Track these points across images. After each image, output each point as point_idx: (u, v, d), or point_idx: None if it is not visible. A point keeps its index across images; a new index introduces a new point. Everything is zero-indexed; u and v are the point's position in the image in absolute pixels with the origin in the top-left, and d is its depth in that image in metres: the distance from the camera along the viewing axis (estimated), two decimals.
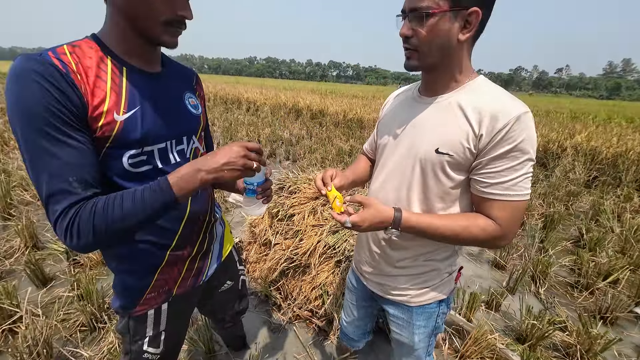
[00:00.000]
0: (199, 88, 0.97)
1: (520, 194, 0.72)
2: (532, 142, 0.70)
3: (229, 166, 0.67)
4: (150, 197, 0.63)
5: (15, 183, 3.36)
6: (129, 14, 0.65)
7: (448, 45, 0.72)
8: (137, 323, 0.91)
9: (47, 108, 0.57)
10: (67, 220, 0.59)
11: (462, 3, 0.68)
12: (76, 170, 0.60)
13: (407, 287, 0.96)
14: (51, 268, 2.23)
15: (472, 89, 0.77)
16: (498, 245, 0.78)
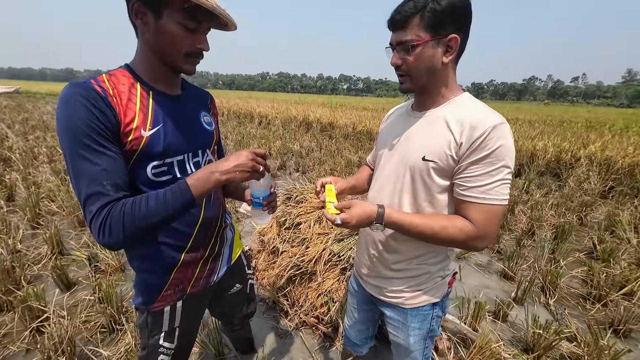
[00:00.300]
0: (212, 107, 1.09)
1: (496, 198, 0.77)
2: (507, 150, 0.76)
3: (239, 168, 0.77)
4: (172, 198, 0.73)
5: (43, 195, 3.60)
6: (157, 48, 0.78)
7: (434, 68, 0.82)
8: (154, 318, 1.00)
9: (88, 124, 0.69)
10: (101, 218, 0.69)
11: (441, 32, 0.78)
12: (110, 175, 0.71)
13: (401, 290, 1.01)
14: (74, 273, 2.38)
15: (457, 104, 0.86)
16: (476, 247, 0.82)
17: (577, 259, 2.87)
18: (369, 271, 1.08)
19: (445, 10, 0.75)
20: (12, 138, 6.36)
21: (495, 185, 0.77)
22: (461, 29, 0.79)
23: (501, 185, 0.77)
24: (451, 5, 0.75)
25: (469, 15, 0.80)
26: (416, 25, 0.78)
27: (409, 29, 0.79)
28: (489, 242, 0.82)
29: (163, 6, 0.72)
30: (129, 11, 0.76)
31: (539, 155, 5.73)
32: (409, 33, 0.79)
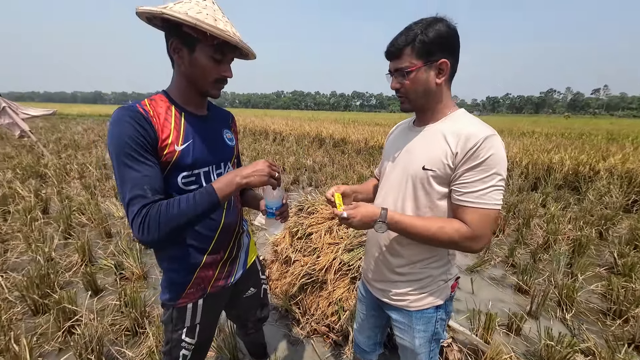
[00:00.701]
0: (233, 125, 1.24)
1: (489, 202, 0.85)
2: (498, 159, 0.84)
3: (257, 173, 0.91)
4: (200, 199, 0.86)
5: (74, 208, 3.87)
6: (191, 77, 0.94)
7: (429, 89, 0.93)
8: (179, 314, 1.11)
9: (133, 139, 0.84)
10: (141, 217, 0.82)
11: (432, 58, 0.89)
12: (149, 181, 0.85)
13: (406, 293, 1.08)
14: (102, 280, 2.54)
15: (453, 119, 0.96)
16: (471, 247, 0.88)
17: (596, 274, 2.79)
18: (375, 275, 1.15)
19: (433, 40, 0.86)
20: (47, 156, 6.87)
21: (488, 190, 0.85)
22: (450, 54, 0.90)
23: (494, 190, 0.85)
24: (438, 36, 0.87)
25: (457, 41, 0.91)
26: (409, 54, 0.89)
27: (403, 58, 0.90)
28: (483, 243, 0.88)
29: (196, 43, 0.88)
30: (167, 47, 0.92)
31: (555, 168, 5.62)
32: (403, 61, 0.90)
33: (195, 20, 0.80)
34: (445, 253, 1.04)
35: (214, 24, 0.83)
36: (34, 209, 3.72)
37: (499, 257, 3.15)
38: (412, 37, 0.88)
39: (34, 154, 7.22)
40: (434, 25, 0.87)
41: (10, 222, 3.49)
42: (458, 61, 0.94)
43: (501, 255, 3.18)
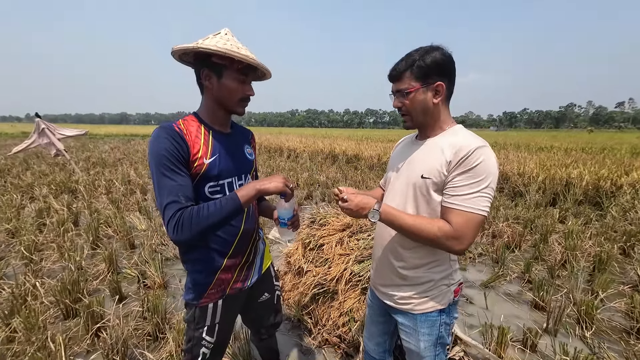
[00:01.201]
0: (252, 141, 1.39)
1: (474, 207, 0.91)
2: (486, 168, 0.92)
3: (274, 182, 1.05)
4: (225, 204, 0.99)
5: (102, 221, 4.12)
6: (219, 99, 1.10)
7: (427, 108, 1.04)
8: (201, 312, 1.22)
9: (170, 152, 0.99)
10: (175, 220, 0.95)
11: (429, 81, 1.00)
12: (183, 189, 0.99)
13: (410, 296, 1.14)
14: (126, 288, 2.70)
15: (450, 133, 1.07)
16: (452, 247, 0.95)
17: (619, 292, 2.69)
18: (381, 279, 1.22)
19: (430, 65, 0.98)
20: (78, 173, 7.36)
21: (473, 195, 0.92)
22: (445, 77, 1.02)
23: (479, 197, 0.92)
24: (434, 61, 0.99)
25: (452, 67, 1.02)
26: (408, 77, 1.01)
27: (403, 80, 1.02)
28: (464, 245, 0.94)
29: (224, 69, 1.05)
30: (198, 76, 1.09)
31: (574, 183, 5.48)
32: (403, 83, 1.02)
33: (225, 50, 0.97)
34: (447, 258, 1.11)
35: (238, 51, 1.00)
36: (66, 222, 4.00)
37: (514, 272, 3.09)
38: (411, 62, 1.00)
39: (66, 171, 7.75)
40: (431, 53, 0.99)
41: (45, 233, 3.76)
42: (454, 84, 1.06)
43: (517, 271, 3.12)
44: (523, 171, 6.47)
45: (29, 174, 7.40)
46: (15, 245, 3.46)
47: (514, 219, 4.40)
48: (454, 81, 1.06)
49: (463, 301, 2.63)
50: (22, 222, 4.06)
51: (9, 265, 3.00)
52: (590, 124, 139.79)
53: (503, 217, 4.44)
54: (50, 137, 7.12)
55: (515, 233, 3.79)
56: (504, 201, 5.45)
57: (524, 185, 6.04)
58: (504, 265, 3.15)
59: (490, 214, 4.53)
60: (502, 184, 6.49)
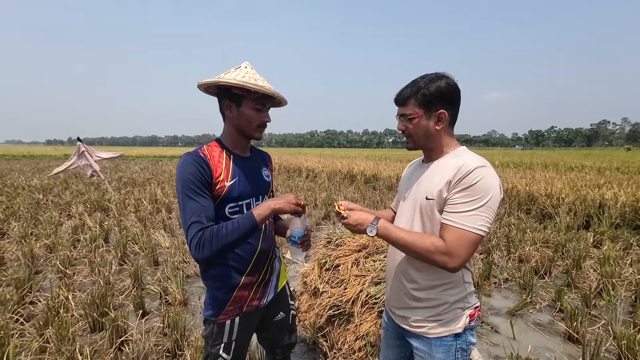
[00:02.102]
0: (270, 164, 1.48)
1: (469, 225, 0.92)
2: (485, 187, 0.93)
3: (287, 201, 1.13)
4: (243, 223, 1.07)
5: (129, 238, 4.35)
6: (238, 125, 1.21)
7: (429, 133, 1.08)
8: (218, 329, 1.26)
9: (195, 177, 1.09)
10: (197, 238, 1.04)
11: (432, 108, 1.04)
12: (205, 210, 1.08)
13: (424, 319, 1.12)
14: (149, 304, 2.80)
15: (453, 155, 1.10)
16: (445, 262, 0.94)
17: None
18: (395, 302, 1.22)
19: (434, 93, 1.02)
20: (111, 192, 7.85)
21: (469, 213, 0.92)
22: (449, 105, 1.05)
23: (475, 215, 0.92)
24: (438, 90, 1.03)
25: (456, 95, 1.05)
26: (412, 104, 1.06)
27: (407, 106, 1.08)
28: (457, 263, 0.94)
29: (242, 99, 1.16)
30: (220, 106, 1.21)
31: (609, 205, 5.14)
32: (408, 109, 1.07)
33: (242, 82, 1.09)
34: (460, 280, 1.09)
35: (255, 83, 1.11)
36: (98, 238, 4.25)
37: (544, 300, 2.90)
38: (416, 89, 1.04)
39: (100, 190, 8.29)
40: (436, 81, 1.03)
41: (78, 249, 4.02)
42: (458, 110, 1.10)
43: (547, 299, 2.92)
44: (551, 192, 6.17)
45: (68, 192, 7.99)
46: (52, 259, 3.71)
47: (542, 243, 4.17)
48: (458, 108, 1.10)
49: (488, 330, 2.49)
50: (59, 237, 4.36)
51: (46, 279, 3.22)
52: (627, 142, 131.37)
53: (530, 240, 4.22)
54: (89, 159, 7.72)
55: (545, 258, 3.58)
56: (531, 223, 5.19)
57: (552, 206, 5.74)
58: (532, 292, 2.96)
59: (516, 236, 4.33)
60: (529, 205, 6.20)
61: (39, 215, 5.65)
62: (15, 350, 1.93)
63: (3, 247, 3.91)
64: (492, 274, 3.37)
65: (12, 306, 2.54)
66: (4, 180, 10.26)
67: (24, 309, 2.61)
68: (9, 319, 2.34)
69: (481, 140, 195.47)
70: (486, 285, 3.22)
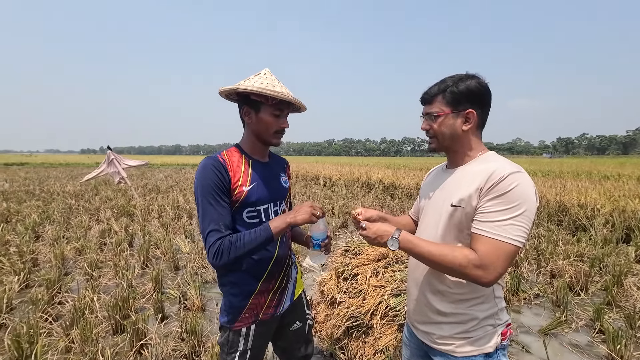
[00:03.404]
0: (288, 170, 1.48)
1: (505, 235, 0.84)
2: (521, 194, 0.85)
3: (301, 214, 1.11)
4: (259, 235, 1.08)
5: (152, 243, 4.48)
6: (257, 131, 1.22)
7: (455, 134, 1.02)
8: (234, 336, 1.24)
9: (215, 183, 1.10)
10: (215, 247, 1.05)
11: (459, 107, 0.99)
12: (223, 219, 1.09)
13: (451, 336, 1.04)
14: (168, 308, 2.84)
15: (482, 160, 1.03)
16: (478, 276, 0.86)
17: None
18: (418, 316, 1.14)
19: (463, 91, 0.97)
20: (136, 198, 8.19)
21: (504, 223, 0.85)
22: (478, 106, 0.99)
23: (511, 225, 0.85)
24: (468, 89, 0.97)
25: (486, 96, 1.00)
26: (439, 102, 1.01)
27: (434, 104, 1.03)
28: (493, 277, 0.86)
29: (261, 105, 1.17)
30: (240, 113, 1.22)
31: None
32: (434, 107, 1.03)
33: (259, 89, 1.10)
34: (491, 294, 1.01)
35: (273, 89, 1.11)
36: (122, 242, 4.41)
37: (581, 319, 2.67)
38: (444, 87, 1.00)
39: (126, 196, 8.67)
40: (466, 80, 0.99)
41: (105, 252, 4.18)
42: (487, 113, 1.04)
43: (584, 318, 2.69)
44: (585, 202, 5.77)
45: (98, 198, 8.42)
46: (80, 262, 3.87)
47: (576, 257, 3.88)
48: (488, 111, 1.04)
49: (518, 349, 2.32)
50: (88, 241, 4.57)
51: (74, 280, 3.35)
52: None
53: (563, 253, 3.94)
54: (117, 166, 8.12)
55: (580, 273, 3.32)
56: (563, 235, 4.86)
57: (586, 218, 5.36)
58: (567, 310, 2.74)
59: (547, 249, 4.06)
60: (560, 216, 5.82)
61: (70, 219, 5.97)
62: (42, 349, 2.00)
63: (37, 249, 4.14)
64: (521, 288, 3.16)
65: (42, 306, 2.66)
66: (42, 186, 11.00)
67: (53, 309, 2.73)
68: (39, 318, 2.44)
69: (505, 148, 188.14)
70: (515, 301, 3.02)
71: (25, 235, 4.71)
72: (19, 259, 3.70)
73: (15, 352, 2.03)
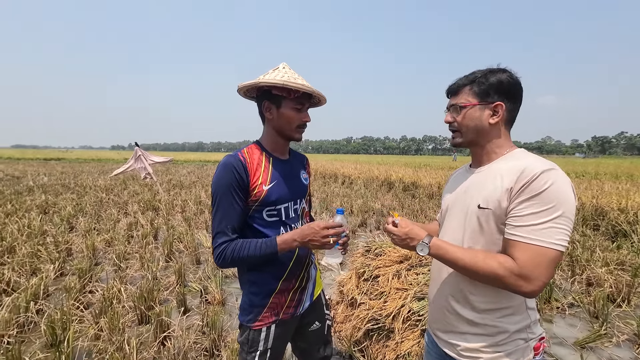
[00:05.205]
0: (307, 166, 1.44)
1: (545, 240, 0.77)
2: (558, 194, 0.78)
3: (312, 242, 1.06)
4: (264, 248, 1.07)
5: (175, 237, 4.61)
6: (278, 127, 1.18)
7: (481, 127, 0.95)
8: (254, 335, 1.23)
9: (230, 184, 1.08)
10: (219, 250, 1.06)
11: (488, 99, 0.93)
12: (232, 221, 1.08)
13: (478, 349, 0.95)
14: (190, 301, 2.91)
15: (510, 158, 0.95)
16: (519, 287, 0.79)
17: None
18: (440, 324, 1.05)
19: (492, 83, 0.92)
20: (161, 193, 8.51)
21: (543, 226, 0.78)
22: (508, 99, 0.93)
23: (551, 228, 0.77)
24: (498, 81, 0.92)
25: (517, 90, 0.94)
26: (466, 93, 0.96)
27: (460, 95, 0.98)
28: (536, 286, 0.78)
29: (282, 100, 1.13)
30: (260, 109, 1.19)
31: None
32: (460, 98, 0.97)
33: (283, 82, 1.07)
34: (522, 306, 0.93)
35: (295, 81, 1.08)
36: (148, 235, 4.59)
37: (623, 333, 2.46)
38: (473, 78, 0.95)
39: (152, 191, 9.02)
40: (497, 73, 0.93)
41: (132, 245, 4.36)
42: (518, 109, 0.97)
43: (627, 332, 2.47)
44: (626, 206, 5.34)
45: (126, 192, 8.83)
46: (109, 253, 4.06)
47: (616, 265, 3.59)
48: (519, 106, 0.97)
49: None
50: (117, 233, 4.79)
51: (103, 270, 3.52)
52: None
53: (601, 261, 3.66)
54: (144, 162, 8.47)
55: (621, 283, 3.07)
56: (601, 241, 4.52)
57: (628, 223, 4.95)
58: (607, 322, 2.54)
59: (582, 255, 3.79)
60: (597, 221, 5.43)
61: (101, 212, 6.28)
62: (74, 335, 2.10)
63: (71, 240, 4.38)
64: (554, 296, 2.96)
65: (74, 294, 2.81)
66: (76, 180, 11.69)
67: (84, 297, 2.87)
68: (71, 305, 2.58)
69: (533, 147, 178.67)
70: (547, 310, 2.83)
71: (61, 226, 5.01)
72: (55, 248, 3.93)
73: (50, 337, 2.14)
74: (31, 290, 2.73)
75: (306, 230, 1.07)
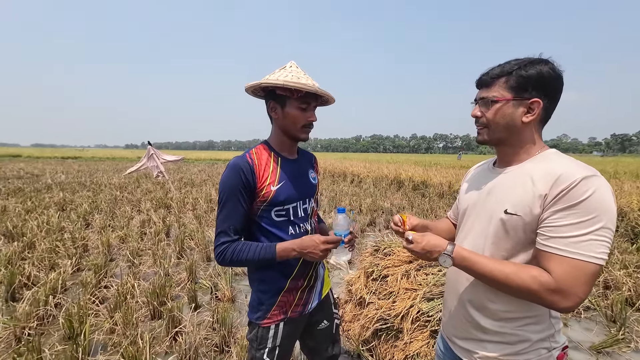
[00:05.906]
0: (316, 165, 1.44)
1: (584, 253, 0.71)
2: (599, 205, 0.71)
3: (310, 254, 1.10)
4: (264, 254, 1.09)
5: (186, 234, 4.70)
6: (284, 126, 1.19)
7: (513, 125, 0.87)
8: (263, 333, 1.24)
9: (237, 187, 1.10)
10: (219, 251, 1.09)
11: (524, 95, 0.83)
12: (235, 223, 1.11)
13: (497, 358, 0.90)
14: (200, 298, 2.96)
15: (542, 159, 0.86)
16: (555, 302, 0.74)
17: None
18: (457, 331, 1.01)
19: (532, 76, 0.82)
20: (173, 191, 8.67)
21: (582, 239, 0.71)
22: (546, 96, 0.84)
23: (592, 241, 0.71)
24: (539, 75, 0.82)
25: (558, 86, 0.85)
26: (500, 86, 0.86)
27: (493, 88, 0.88)
28: (572, 302, 0.73)
29: (287, 99, 1.14)
30: (267, 109, 1.20)
31: None
32: (492, 90, 0.88)
33: (283, 82, 1.07)
34: (547, 315, 0.88)
35: (298, 81, 1.08)
36: (160, 232, 4.68)
37: None
38: (509, 69, 0.85)
39: (164, 189, 9.21)
40: (537, 65, 0.83)
41: (144, 241, 4.46)
42: (555, 107, 0.89)
43: None
44: None
45: (139, 190, 9.03)
46: (123, 249, 4.17)
47: (636, 267, 3.46)
48: (556, 104, 0.88)
49: None
50: (130, 230, 4.91)
51: (118, 266, 3.62)
52: None
53: (619, 263, 3.53)
54: (156, 161, 8.64)
55: None
56: (620, 243, 4.37)
57: None
58: (625, 327, 2.45)
59: None
60: (617, 222, 5.22)
61: (115, 209, 6.45)
62: (90, 328, 2.17)
63: (87, 236, 4.52)
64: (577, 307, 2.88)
65: (90, 289, 2.90)
66: (92, 178, 12.04)
67: (100, 292, 2.96)
68: (87, 300, 2.66)
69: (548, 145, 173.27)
70: None
71: (78, 222, 5.17)
72: (72, 244, 4.06)
73: (68, 330, 2.22)
74: (50, 285, 2.84)
75: (306, 242, 1.10)
